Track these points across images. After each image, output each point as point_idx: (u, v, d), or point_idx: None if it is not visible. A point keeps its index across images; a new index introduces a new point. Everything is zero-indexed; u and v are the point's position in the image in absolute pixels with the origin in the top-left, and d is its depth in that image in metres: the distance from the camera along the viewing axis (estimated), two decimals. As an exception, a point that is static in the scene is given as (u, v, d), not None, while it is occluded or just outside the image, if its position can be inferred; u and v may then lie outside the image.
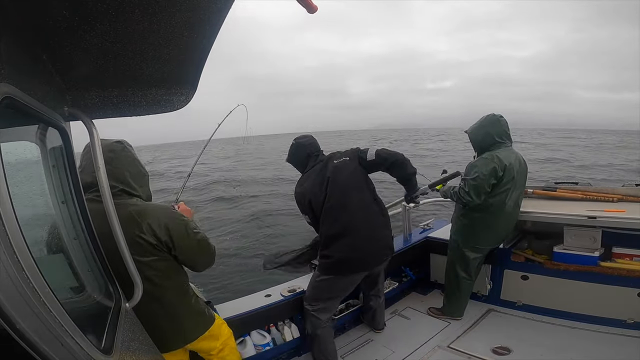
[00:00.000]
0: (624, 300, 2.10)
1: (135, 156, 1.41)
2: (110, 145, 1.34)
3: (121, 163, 1.33)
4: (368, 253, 1.84)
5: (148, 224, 1.28)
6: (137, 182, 1.37)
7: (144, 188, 1.40)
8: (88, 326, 0.69)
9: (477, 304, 2.59)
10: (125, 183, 1.33)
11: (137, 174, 1.39)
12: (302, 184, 1.96)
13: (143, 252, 1.28)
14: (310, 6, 0.69)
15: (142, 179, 1.41)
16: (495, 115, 2.24)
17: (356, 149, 1.96)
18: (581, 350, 2.00)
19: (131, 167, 1.37)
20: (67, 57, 0.86)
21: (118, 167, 1.32)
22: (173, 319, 1.40)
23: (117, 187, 1.30)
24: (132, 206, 1.29)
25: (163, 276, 1.35)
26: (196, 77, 1.14)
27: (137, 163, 1.41)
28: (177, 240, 1.33)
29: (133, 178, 1.36)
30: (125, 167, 1.34)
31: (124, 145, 1.38)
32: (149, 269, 1.30)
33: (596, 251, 2.22)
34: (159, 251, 1.32)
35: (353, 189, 1.83)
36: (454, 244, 2.42)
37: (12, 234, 0.52)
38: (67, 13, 0.67)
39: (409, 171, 1.88)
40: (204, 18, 0.77)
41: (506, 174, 2.13)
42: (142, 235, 1.27)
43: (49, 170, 1.03)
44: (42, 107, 0.78)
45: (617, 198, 2.37)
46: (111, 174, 1.24)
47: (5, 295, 0.48)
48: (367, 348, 2.25)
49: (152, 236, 1.28)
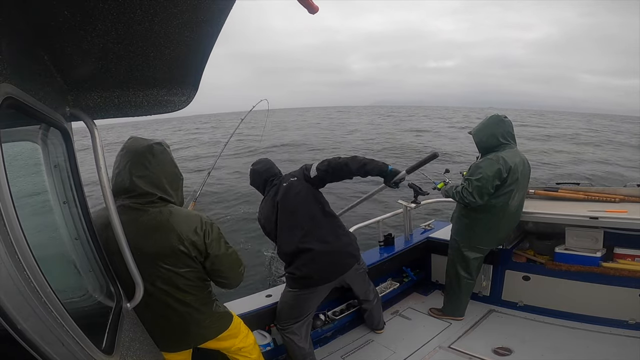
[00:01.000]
0: (626, 300, 2.09)
1: (172, 158, 1.34)
2: (150, 147, 1.27)
3: (160, 168, 1.27)
4: (326, 265, 1.89)
5: (187, 234, 1.24)
6: (172, 187, 1.31)
7: (178, 192, 1.35)
8: (89, 326, 0.69)
9: (478, 304, 2.58)
10: (162, 189, 1.27)
11: (173, 179, 1.33)
12: (260, 209, 2.05)
13: (180, 263, 1.26)
14: (312, 7, 0.68)
15: (177, 183, 1.35)
16: (500, 116, 2.22)
17: (303, 167, 2.01)
18: (583, 351, 1.99)
19: (168, 172, 1.31)
20: (68, 58, 0.87)
21: (156, 173, 1.26)
22: (198, 324, 1.39)
23: (155, 194, 1.25)
24: (169, 215, 1.25)
25: (194, 286, 1.33)
26: (197, 77, 1.14)
27: (173, 166, 1.34)
28: (214, 251, 1.30)
29: (169, 183, 1.30)
30: (163, 172, 1.28)
31: (164, 147, 1.31)
32: (182, 279, 1.28)
33: (598, 252, 2.21)
34: (194, 262, 1.28)
35: (301, 207, 1.90)
36: (455, 244, 2.41)
37: (13, 234, 0.52)
38: (69, 13, 0.68)
39: (356, 167, 1.83)
40: (206, 18, 0.77)
41: (510, 175, 2.11)
42: (180, 247, 1.23)
43: (50, 170, 1.03)
44: (43, 107, 0.78)
45: (619, 198, 2.36)
46: (148, 180, 1.24)
47: (6, 295, 0.48)
48: (368, 348, 2.25)
49: (191, 246, 1.25)
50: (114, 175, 1.25)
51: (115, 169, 1.26)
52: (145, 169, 1.23)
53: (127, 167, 1.23)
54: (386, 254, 2.78)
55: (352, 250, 2.00)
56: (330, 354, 2.23)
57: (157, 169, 1.26)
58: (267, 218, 1.98)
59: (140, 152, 1.24)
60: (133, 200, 1.23)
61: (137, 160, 1.23)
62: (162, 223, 1.23)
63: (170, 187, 1.30)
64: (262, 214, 2.03)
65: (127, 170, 1.22)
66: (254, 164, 2.12)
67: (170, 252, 1.23)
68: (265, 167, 2.07)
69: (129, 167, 1.22)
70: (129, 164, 1.23)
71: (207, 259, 1.30)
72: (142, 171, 1.23)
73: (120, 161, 1.26)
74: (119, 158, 1.26)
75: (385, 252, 2.81)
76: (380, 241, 2.92)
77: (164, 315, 1.32)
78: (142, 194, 1.23)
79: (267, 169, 2.06)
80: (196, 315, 1.36)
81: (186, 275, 1.28)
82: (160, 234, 1.22)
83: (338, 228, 1.98)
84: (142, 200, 1.23)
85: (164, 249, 1.23)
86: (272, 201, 1.96)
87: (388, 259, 2.73)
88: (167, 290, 1.28)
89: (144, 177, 1.23)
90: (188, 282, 1.30)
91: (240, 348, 1.56)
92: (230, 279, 1.41)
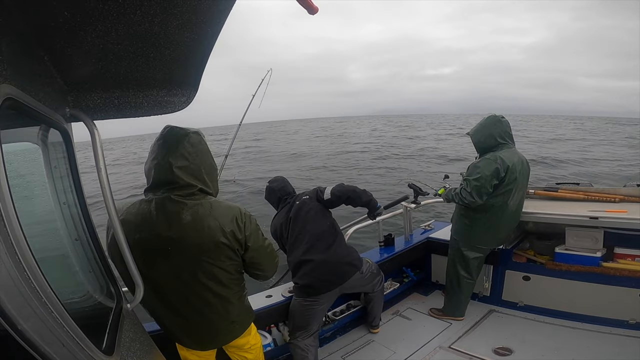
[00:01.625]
0: (626, 300, 2.10)
1: (208, 148, 1.30)
2: (189, 136, 1.22)
3: (200, 158, 1.23)
4: (326, 274, 2.01)
5: (228, 226, 1.21)
6: (210, 177, 1.28)
7: (214, 183, 1.31)
8: (89, 327, 0.69)
9: (478, 304, 2.59)
10: (202, 180, 1.23)
11: (210, 169, 1.29)
12: (273, 224, 2.23)
13: (222, 256, 1.24)
14: (311, 7, 0.68)
15: (214, 173, 1.31)
16: (497, 116, 2.23)
17: (317, 188, 2.21)
18: (583, 351, 1.99)
19: (206, 162, 1.26)
20: (68, 58, 0.87)
21: (196, 163, 1.21)
22: (231, 320, 1.38)
23: (196, 186, 1.21)
24: (210, 207, 1.21)
25: (234, 279, 1.31)
26: (197, 78, 1.14)
27: (210, 156, 1.30)
28: (253, 243, 1.28)
29: (207, 174, 1.26)
30: (202, 163, 1.24)
31: (201, 137, 1.26)
32: (224, 273, 1.26)
33: (598, 252, 2.22)
34: (236, 254, 1.26)
35: (309, 224, 2.07)
36: (454, 244, 2.41)
37: (13, 235, 0.52)
38: (69, 14, 0.68)
39: (364, 200, 2.11)
40: (205, 19, 0.77)
41: (508, 174, 2.12)
42: (222, 240, 1.20)
43: (50, 171, 1.03)
44: (43, 108, 0.78)
45: (619, 198, 2.36)
46: (189, 171, 1.20)
47: (7, 295, 0.48)
48: (368, 349, 2.25)
49: (232, 239, 1.22)
50: (152, 166, 1.20)
51: (152, 159, 1.20)
52: (185, 159, 1.19)
53: (166, 158, 1.17)
54: (386, 254, 2.78)
55: (352, 260, 2.09)
56: (330, 354, 2.23)
57: (196, 160, 1.21)
58: (280, 231, 2.16)
59: (179, 141, 1.19)
60: (175, 192, 1.19)
61: (177, 150, 1.18)
62: (204, 216, 1.19)
63: (208, 177, 1.26)
64: (275, 226, 2.20)
65: (167, 161, 1.17)
66: (270, 182, 2.31)
67: (213, 246, 1.20)
68: (280, 185, 2.27)
69: (169, 157, 1.17)
70: (168, 154, 1.17)
71: (246, 251, 1.28)
72: (182, 162, 1.18)
73: (157, 151, 1.20)
74: (155, 148, 1.20)
75: (386, 253, 2.81)
76: (380, 241, 2.93)
77: (200, 312, 1.30)
78: (184, 185, 1.19)
79: (281, 188, 2.26)
80: (231, 309, 1.35)
81: (228, 269, 1.26)
82: (202, 228, 1.18)
83: (340, 243, 2.11)
84: (184, 192, 1.20)
85: (207, 243, 1.19)
86: (285, 217, 2.14)
87: (388, 259, 2.73)
88: (207, 284, 1.25)
89: (184, 167, 1.19)
90: (229, 275, 1.28)
91: (251, 345, 1.55)
92: (266, 271, 1.39)
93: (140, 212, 1.20)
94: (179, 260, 1.19)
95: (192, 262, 1.20)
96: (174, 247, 1.18)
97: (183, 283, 1.22)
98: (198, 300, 1.27)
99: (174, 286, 1.23)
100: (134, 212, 1.21)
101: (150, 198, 1.20)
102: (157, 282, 1.22)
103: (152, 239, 1.18)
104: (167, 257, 1.19)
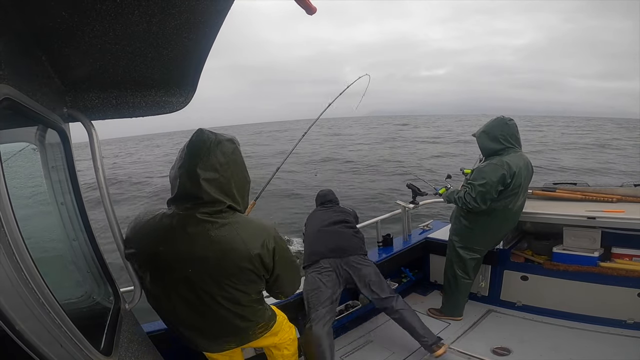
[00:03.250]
0: (624, 300, 2.10)
1: (243, 160, 1.16)
2: (222, 144, 1.08)
3: (232, 170, 1.09)
4: (335, 241, 2.25)
5: (256, 251, 1.09)
6: (240, 193, 1.14)
7: (244, 199, 1.18)
8: (87, 327, 0.68)
9: (476, 304, 2.59)
10: (231, 197, 1.10)
11: (242, 184, 1.15)
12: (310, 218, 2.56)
13: (245, 279, 1.14)
14: (310, 7, 0.68)
15: (245, 187, 1.18)
16: (504, 118, 2.17)
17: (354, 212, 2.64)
18: (581, 351, 1.99)
19: (238, 176, 1.13)
20: (66, 59, 0.86)
21: (226, 177, 1.08)
22: (248, 333, 1.31)
23: (225, 202, 1.08)
24: (238, 228, 1.09)
25: (254, 299, 1.23)
26: (195, 78, 1.14)
27: (243, 168, 1.16)
28: (281, 270, 1.18)
29: (238, 189, 1.13)
30: (233, 176, 1.10)
31: (235, 146, 1.12)
32: (244, 296, 1.18)
33: (596, 251, 2.22)
34: (260, 278, 1.16)
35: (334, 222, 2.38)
36: (452, 244, 2.41)
37: (11, 235, 0.52)
38: (67, 14, 0.67)
39: None
40: (203, 19, 0.77)
41: (514, 180, 2.08)
42: (247, 266, 1.10)
43: (48, 171, 1.03)
44: (41, 108, 0.78)
45: (616, 198, 2.37)
46: (218, 185, 1.06)
47: (5, 296, 0.48)
48: (368, 349, 2.25)
49: (259, 264, 1.12)
50: (178, 174, 1.08)
51: (179, 167, 1.08)
52: (214, 171, 1.05)
53: (194, 167, 1.04)
54: (385, 254, 2.79)
55: (361, 245, 2.30)
56: None
57: (227, 172, 1.08)
58: (311, 225, 2.46)
59: (210, 150, 1.05)
60: (200, 209, 1.07)
61: (207, 160, 1.05)
62: (231, 238, 1.07)
63: (238, 193, 1.12)
64: (309, 222, 2.53)
65: (194, 171, 1.04)
66: (322, 190, 2.79)
67: (237, 270, 1.10)
68: (324, 193, 2.73)
69: (197, 167, 1.04)
70: (196, 164, 1.05)
71: (272, 275, 1.19)
72: (211, 174, 1.05)
73: (185, 159, 1.07)
74: (184, 154, 1.08)
75: (384, 253, 2.81)
76: (378, 242, 2.93)
77: (217, 326, 1.23)
78: (211, 201, 1.06)
79: (325, 195, 2.70)
80: (251, 326, 1.29)
81: (249, 291, 1.18)
82: (228, 250, 1.07)
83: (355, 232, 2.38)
84: (210, 210, 1.07)
85: (231, 267, 1.10)
86: (320, 216, 2.47)
87: (387, 259, 2.74)
88: (228, 307, 1.16)
89: (213, 180, 1.06)
90: (249, 297, 1.20)
91: (276, 344, 1.52)
92: (287, 293, 1.33)
93: (161, 226, 1.09)
94: (199, 283, 1.11)
95: (213, 285, 1.11)
96: (194, 269, 1.09)
97: (202, 303, 1.14)
98: (216, 319, 1.20)
99: (192, 304, 1.15)
100: (153, 225, 1.11)
101: (174, 213, 1.09)
102: (173, 299, 1.15)
103: (170, 258, 1.09)
104: (187, 280, 1.10)
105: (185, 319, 1.20)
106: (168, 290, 1.14)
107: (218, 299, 1.14)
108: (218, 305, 1.15)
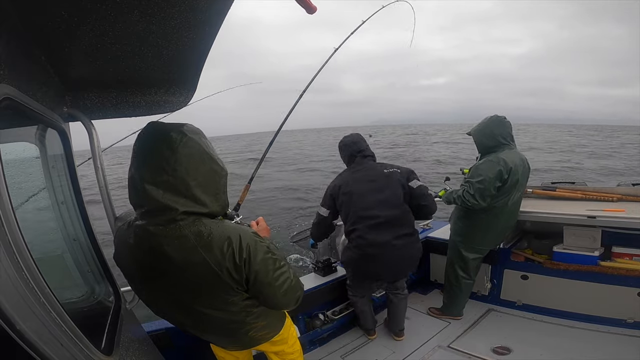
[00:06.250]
0: (624, 299, 2.10)
1: (204, 150, 0.92)
2: (170, 138, 0.87)
3: (186, 168, 0.87)
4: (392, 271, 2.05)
5: (219, 260, 0.89)
6: (208, 191, 0.92)
7: (218, 196, 0.96)
8: (88, 327, 0.68)
9: (477, 303, 2.59)
10: (190, 198, 0.89)
11: (208, 179, 0.93)
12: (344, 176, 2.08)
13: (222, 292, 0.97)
14: (310, 6, 0.69)
15: (216, 184, 0.95)
16: (500, 117, 2.22)
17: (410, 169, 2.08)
18: (581, 350, 2.00)
19: (200, 171, 0.90)
20: (66, 58, 0.86)
21: (179, 176, 0.87)
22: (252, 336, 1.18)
23: (176, 209, 0.87)
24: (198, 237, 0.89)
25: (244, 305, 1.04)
26: (195, 77, 1.14)
27: (206, 160, 0.92)
28: (262, 277, 0.96)
29: (203, 187, 0.91)
30: (191, 174, 0.88)
31: (188, 136, 0.89)
32: (231, 305, 1.01)
33: (596, 251, 2.22)
34: (234, 291, 0.97)
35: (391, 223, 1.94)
36: (454, 245, 2.41)
37: (11, 235, 0.52)
38: (66, 14, 0.67)
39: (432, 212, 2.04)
40: (203, 19, 0.77)
41: (511, 176, 2.11)
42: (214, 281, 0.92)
43: (48, 171, 1.03)
44: (41, 108, 0.78)
45: (616, 198, 2.37)
46: (170, 189, 0.87)
47: (5, 296, 0.48)
48: (368, 348, 2.25)
49: (229, 279, 0.93)
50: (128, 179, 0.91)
51: (129, 170, 0.91)
52: (162, 172, 0.86)
53: (136, 170, 0.88)
54: None
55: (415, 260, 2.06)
56: (329, 354, 2.22)
57: (180, 171, 0.87)
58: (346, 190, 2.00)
59: (154, 147, 0.87)
60: (151, 220, 0.89)
61: (150, 159, 0.87)
62: (188, 251, 0.88)
63: (203, 192, 0.91)
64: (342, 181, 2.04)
65: (138, 174, 0.87)
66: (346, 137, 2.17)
67: (207, 287, 0.94)
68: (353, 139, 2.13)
69: (140, 170, 0.88)
70: (139, 165, 0.88)
71: (251, 287, 0.98)
72: (157, 176, 0.86)
73: (131, 160, 0.90)
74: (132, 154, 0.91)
75: None
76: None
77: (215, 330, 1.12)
78: (158, 209, 0.87)
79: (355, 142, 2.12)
80: (252, 330, 1.16)
81: (235, 301, 1.00)
82: (187, 266, 0.90)
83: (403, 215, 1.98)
84: (160, 220, 0.88)
85: (197, 284, 0.93)
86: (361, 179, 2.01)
87: None
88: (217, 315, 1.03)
89: (160, 183, 0.86)
90: (238, 305, 1.02)
91: (287, 353, 1.42)
92: (280, 307, 1.10)
93: (127, 239, 0.95)
94: (178, 294, 0.97)
95: (194, 298, 0.98)
96: (168, 283, 0.94)
97: (191, 311, 1.02)
98: (210, 324, 1.08)
99: (182, 311, 1.04)
100: (122, 238, 0.98)
101: (137, 224, 0.93)
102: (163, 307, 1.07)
103: (141, 274, 0.99)
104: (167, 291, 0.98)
105: (183, 322, 1.12)
106: (155, 299, 1.05)
107: (204, 310, 1.01)
108: (206, 315, 1.03)
